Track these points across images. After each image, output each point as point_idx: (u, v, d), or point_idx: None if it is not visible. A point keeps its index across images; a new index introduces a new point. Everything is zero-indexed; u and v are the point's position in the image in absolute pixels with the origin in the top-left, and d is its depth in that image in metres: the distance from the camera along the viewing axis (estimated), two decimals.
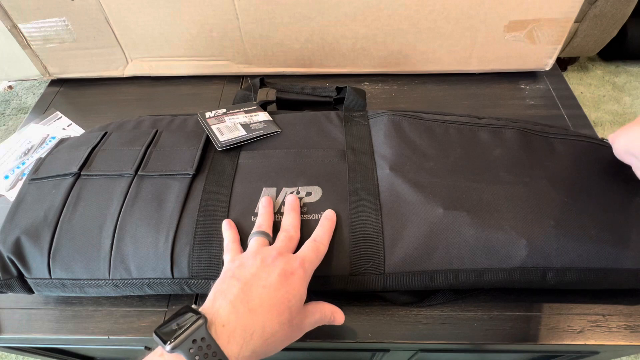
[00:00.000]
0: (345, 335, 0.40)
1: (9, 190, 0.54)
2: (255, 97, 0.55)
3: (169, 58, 0.65)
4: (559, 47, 0.61)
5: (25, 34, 0.61)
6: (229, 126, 0.47)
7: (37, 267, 0.39)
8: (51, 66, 0.66)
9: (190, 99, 0.65)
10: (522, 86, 0.65)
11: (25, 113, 1.60)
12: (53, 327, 0.42)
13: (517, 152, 0.43)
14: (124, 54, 0.65)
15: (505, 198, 0.39)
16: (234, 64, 0.66)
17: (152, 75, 0.68)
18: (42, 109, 0.65)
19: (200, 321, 0.28)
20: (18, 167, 0.56)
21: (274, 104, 0.56)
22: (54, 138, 0.60)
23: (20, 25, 0.60)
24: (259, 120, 0.48)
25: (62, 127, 0.62)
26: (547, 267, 0.37)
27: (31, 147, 0.58)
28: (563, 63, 1.66)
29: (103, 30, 0.61)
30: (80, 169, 0.43)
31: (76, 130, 0.61)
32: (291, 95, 0.56)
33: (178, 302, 0.43)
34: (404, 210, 0.39)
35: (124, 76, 0.67)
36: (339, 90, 0.55)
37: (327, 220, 0.37)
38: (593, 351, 0.45)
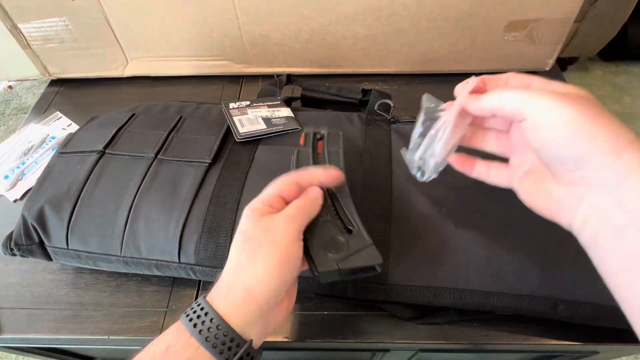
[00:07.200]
0: (345, 335, 0.40)
1: (9, 190, 0.54)
2: (280, 93, 0.56)
3: (169, 58, 0.65)
4: (559, 47, 0.61)
5: (25, 34, 0.61)
6: (251, 119, 0.48)
7: (56, 236, 0.40)
8: (51, 66, 0.66)
9: (190, 99, 0.64)
10: None
11: (25, 113, 1.60)
12: (53, 327, 0.42)
13: None
14: (124, 54, 0.65)
15: (524, 221, 0.36)
16: (234, 64, 0.66)
17: (152, 75, 0.68)
18: (42, 109, 0.65)
19: (200, 298, 0.28)
20: (18, 167, 0.56)
21: (299, 101, 0.56)
22: (54, 138, 0.60)
23: (20, 25, 0.60)
24: (281, 115, 0.49)
25: (62, 127, 0.62)
26: (559, 298, 0.35)
27: (31, 147, 0.58)
28: (563, 63, 1.66)
29: (103, 30, 0.61)
30: (106, 147, 0.44)
31: None
32: (316, 94, 0.56)
33: (178, 302, 0.43)
34: (415, 223, 0.38)
35: (124, 76, 0.67)
36: (365, 92, 0.53)
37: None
38: (593, 351, 0.45)
